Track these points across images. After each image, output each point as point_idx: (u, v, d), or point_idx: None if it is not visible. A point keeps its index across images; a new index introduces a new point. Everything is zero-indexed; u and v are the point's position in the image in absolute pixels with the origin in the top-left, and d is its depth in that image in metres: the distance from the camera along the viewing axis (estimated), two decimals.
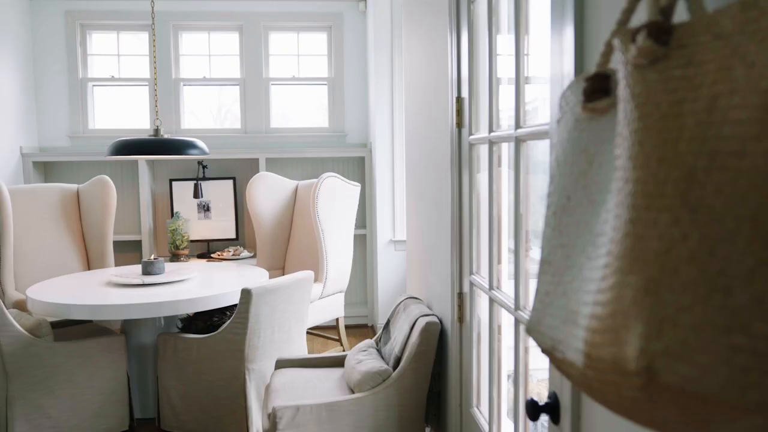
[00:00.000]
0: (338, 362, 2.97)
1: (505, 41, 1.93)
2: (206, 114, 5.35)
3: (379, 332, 2.92)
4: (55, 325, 3.41)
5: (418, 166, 2.97)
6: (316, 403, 2.37)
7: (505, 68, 1.92)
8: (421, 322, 2.45)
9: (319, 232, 3.95)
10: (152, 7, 3.72)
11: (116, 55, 5.23)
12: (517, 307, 1.64)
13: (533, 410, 1.32)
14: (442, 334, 2.50)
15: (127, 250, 5.11)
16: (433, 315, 2.51)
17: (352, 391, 2.54)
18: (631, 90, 0.55)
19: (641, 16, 0.59)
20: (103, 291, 3.33)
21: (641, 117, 0.53)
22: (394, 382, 2.43)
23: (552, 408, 1.33)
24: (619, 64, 0.58)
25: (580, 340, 0.57)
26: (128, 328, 3.44)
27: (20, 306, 3.71)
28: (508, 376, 2.08)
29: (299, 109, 5.37)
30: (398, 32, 4.63)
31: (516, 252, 1.64)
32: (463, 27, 2.16)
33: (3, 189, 3.92)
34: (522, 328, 1.64)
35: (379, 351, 2.78)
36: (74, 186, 4.53)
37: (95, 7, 5.06)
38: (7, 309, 3.01)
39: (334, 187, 4.05)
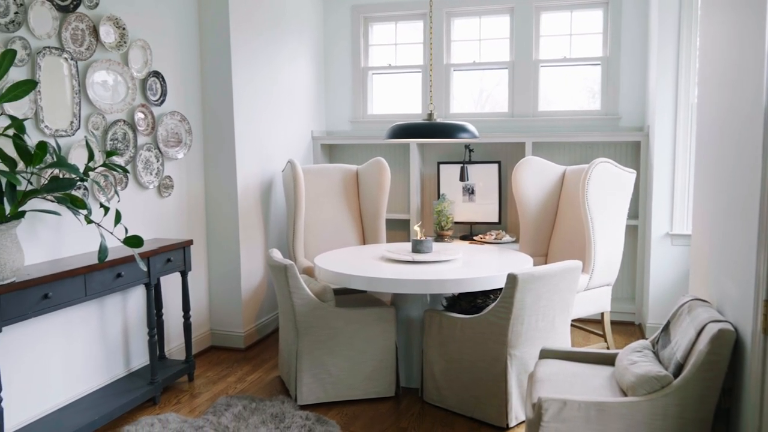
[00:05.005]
0: (606, 360, 2.79)
1: None
2: (467, 98, 5.42)
3: (656, 333, 2.67)
4: (334, 292, 3.77)
5: (713, 152, 2.63)
6: (585, 401, 2.25)
7: None
8: (712, 329, 2.17)
9: (588, 220, 3.75)
10: None
11: (393, 44, 5.56)
12: None
13: None
14: (738, 345, 2.18)
15: (397, 228, 5.44)
16: (726, 321, 2.20)
17: (624, 394, 2.36)
18: None
19: None
20: (377, 265, 3.58)
21: None
22: (675, 391, 2.19)
23: None
24: None
25: None
26: (397, 301, 3.65)
27: (308, 272, 4.18)
28: None
29: (568, 92, 5.15)
30: (688, 5, 4.15)
31: None
32: None
33: (298, 168, 4.44)
34: None
35: (655, 354, 2.54)
36: (354, 167, 4.95)
37: (377, 0, 5.42)
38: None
39: (606, 173, 3.81)
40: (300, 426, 3.09)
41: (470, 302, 3.49)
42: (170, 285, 3.98)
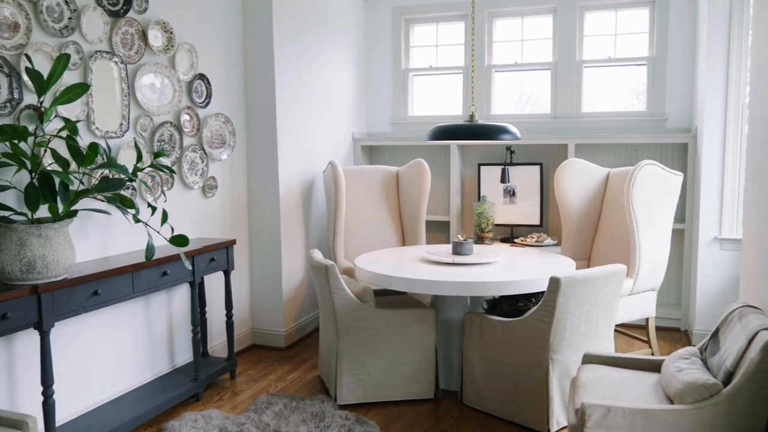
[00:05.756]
0: (652, 366, 2.73)
1: None
2: (507, 100, 5.37)
3: (704, 340, 2.60)
4: (374, 293, 3.78)
5: (764, 153, 2.55)
6: (630, 407, 2.20)
7: None
8: (764, 336, 2.10)
9: (632, 223, 3.67)
10: None
11: (434, 45, 5.55)
12: None
13: None
14: None
15: (437, 230, 5.43)
16: None
17: (671, 402, 2.31)
18: None
19: None
20: (417, 266, 3.58)
21: None
22: (725, 400, 2.13)
23: None
24: None
25: None
26: (437, 303, 3.64)
27: (349, 273, 4.20)
28: None
29: (612, 92, 5.06)
30: (739, 2, 4.03)
31: None
32: None
33: (339, 169, 4.47)
34: None
35: (704, 361, 2.47)
36: (394, 168, 4.96)
37: (419, 2, 5.42)
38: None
39: (652, 175, 3.73)
40: (340, 426, 3.11)
41: (511, 305, 3.46)
42: (213, 284, 4.05)
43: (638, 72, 4.97)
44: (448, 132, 3.54)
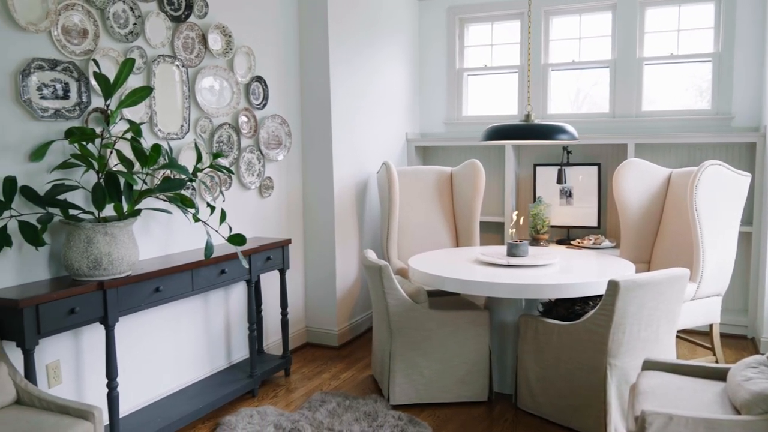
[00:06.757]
0: (716, 374, 2.62)
1: None
2: (564, 99, 5.26)
3: None
4: (428, 293, 3.77)
5: None
6: (693, 417, 2.12)
7: None
8: None
9: (696, 226, 3.55)
10: None
11: (489, 45, 5.50)
12: None
13: None
14: None
15: (491, 231, 5.37)
16: None
17: (737, 412, 2.22)
18: None
19: None
20: (471, 267, 3.55)
21: None
22: None
23: None
24: None
25: None
26: (491, 304, 3.60)
27: (402, 273, 4.21)
28: None
29: (675, 90, 4.89)
30: None
31: None
32: None
33: (393, 170, 4.48)
34: None
35: None
36: (448, 168, 4.93)
37: (473, 1, 5.38)
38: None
39: (717, 176, 3.59)
40: (392, 426, 3.11)
41: (568, 309, 3.39)
42: (269, 282, 4.12)
43: (702, 69, 4.79)
44: (503, 132, 3.50)
